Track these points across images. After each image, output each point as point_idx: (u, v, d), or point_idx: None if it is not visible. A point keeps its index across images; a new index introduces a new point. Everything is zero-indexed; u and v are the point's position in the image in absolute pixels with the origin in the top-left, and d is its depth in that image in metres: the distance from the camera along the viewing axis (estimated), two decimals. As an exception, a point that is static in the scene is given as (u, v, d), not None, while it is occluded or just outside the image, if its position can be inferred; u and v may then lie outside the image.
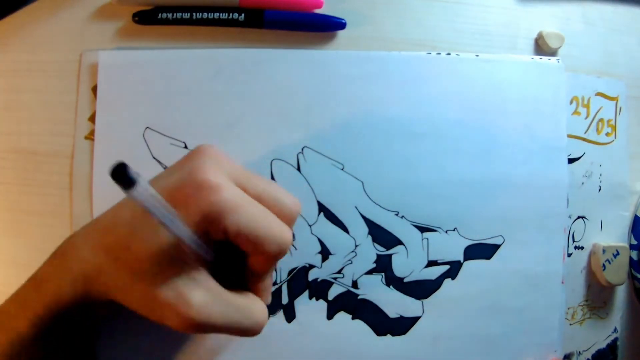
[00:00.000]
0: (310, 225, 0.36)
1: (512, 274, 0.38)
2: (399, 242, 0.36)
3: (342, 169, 0.36)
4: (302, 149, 0.36)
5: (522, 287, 0.38)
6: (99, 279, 0.25)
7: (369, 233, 0.36)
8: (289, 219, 0.27)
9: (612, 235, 0.41)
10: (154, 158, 0.35)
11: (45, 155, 0.35)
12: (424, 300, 0.37)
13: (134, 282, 0.24)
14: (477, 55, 0.38)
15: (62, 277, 0.26)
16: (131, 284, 0.24)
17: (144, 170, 0.34)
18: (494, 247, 0.37)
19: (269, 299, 0.29)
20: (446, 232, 0.37)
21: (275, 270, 0.35)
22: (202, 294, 0.24)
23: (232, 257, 0.27)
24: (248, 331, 0.27)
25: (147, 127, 0.35)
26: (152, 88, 0.35)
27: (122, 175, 0.17)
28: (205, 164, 0.24)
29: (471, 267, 0.37)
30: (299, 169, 0.36)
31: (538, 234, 0.38)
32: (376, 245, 0.36)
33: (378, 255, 0.36)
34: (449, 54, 0.38)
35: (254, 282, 0.28)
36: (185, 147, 0.35)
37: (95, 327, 0.32)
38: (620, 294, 0.41)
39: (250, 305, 0.27)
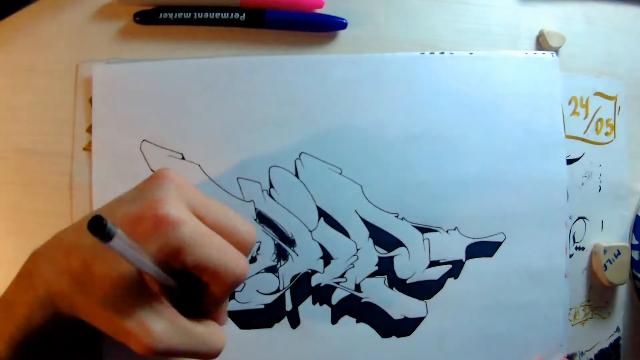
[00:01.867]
0: (310, 231, 0.36)
1: (515, 271, 0.38)
2: (400, 244, 0.36)
3: (340, 173, 0.36)
4: (300, 155, 0.36)
5: (525, 283, 0.38)
6: (65, 301, 0.25)
7: (370, 236, 0.36)
8: (245, 248, 0.27)
9: (612, 235, 0.41)
10: (152, 171, 0.35)
11: (46, 155, 0.35)
12: (428, 301, 0.37)
13: (98, 308, 0.24)
14: (471, 53, 0.38)
15: (29, 300, 0.26)
16: (95, 308, 0.25)
17: (142, 184, 0.34)
18: (496, 245, 0.37)
19: (225, 321, 0.30)
20: (447, 231, 0.37)
21: (278, 277, 0.35)
22: (163, 324, 0.25)
23: (191, 283, 0.27)
24: (206, 357, 0.27)
25: (144, 140, 0.35)
26: (148, 100, 0.35)
27: (99, 228, 0.18)
28: (165, 195, 0.25)
29: (473, 265, 0.37)
30: (297, 175, 0.36)
31: (539, 229, 0.38)
32: (377, 247, 0.36)
33: (380, 258, 0.36)
34: (442, 53, 0.38)
35: (212, 307, 0.28)
36: (183, 158, 0.35)
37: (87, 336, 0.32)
38: (622, 294, 0.41)
39: (209, 334, 0.27)
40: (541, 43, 0.40)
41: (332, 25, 0.37)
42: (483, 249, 0.37)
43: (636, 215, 0.41)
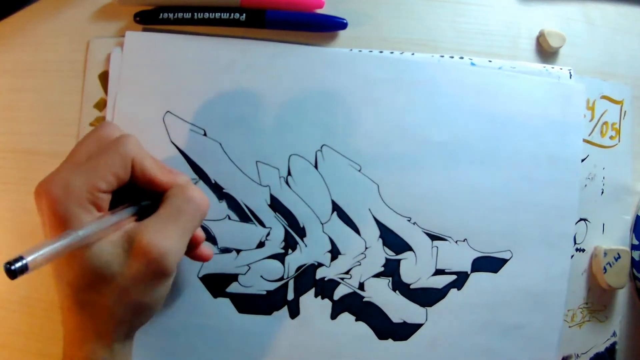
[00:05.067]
0: (322, 224, 0.36)
1: (517, 290, 0.38)
2: (409, 248, 0.36)
3: (359, 170, 0.36)
4: (322, 147, 0.36)
5: (525, 303, 0.38)
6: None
7: (380, 236, 0.36)
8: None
9: (613, 238, 0.41)
10: (172, 142, 0.35)
11: (46, 155, 0.35)
12: (429, 308, 0.37)
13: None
14: (500, 68, 0.38)
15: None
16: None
17: (160, 154, 0.34)
18: (502, 262, 0.38)
19: (183, 176, 0.29)
20: (456, 242, 0.37)
21: (284, 266, 0.35)
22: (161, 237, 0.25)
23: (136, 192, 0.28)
24: (201, 214, 0.28)
25: (168, 111, 0.35)
26: (175, 73, 0.35)
27: (11, 270, 0.20)
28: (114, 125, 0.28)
29: (477, 279, 0.37)
30: (316, 166, 0.36)
31: (545, 252, 0.38)
32: (386, 249, 0.36)
33: (387, 259, 0.36)
34: (473, 64, 0.38)
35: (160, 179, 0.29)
36: (205, 134, 0.35)
37: None
38: (621, 298, 0.41)
39: (184, 197, 0.27)
40: (541, 43, 0.40)
41: (332, 26, 0.37)
42: (489, 264, 0.37)
43: (637, 215, 0.41)
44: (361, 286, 0.36)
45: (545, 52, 0.40)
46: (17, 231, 0.35)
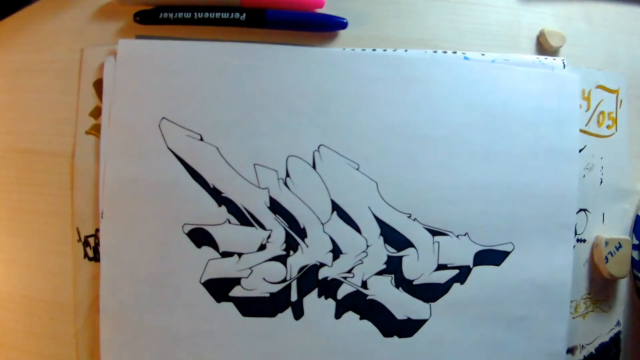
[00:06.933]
0: (322, 224, 0.36)
1: (520, 282, 0.38)
2: (410, 245, 0.36)
3: (357, 169, 0.36)
4: (319, 147, 0.36)
5: (529, 295, 0.38)
6: None
7: (381, 234, 0.36)
8: None
9: (614, 228, 0.41)
10: (169, 149, 0.35)
11: (46, 154, 0.35)
12: (432, 304, 0.37)
13: None
14: (493, 61, 0.38)
15: None
16: None
17: (157, 161, 0.34)
18: (504, 254, 0.37)
19: None
20: (457, 236, 0.37)
21: (286, 267, 0.35)
22: None
23: None
24: None
25: (164, 118, 0.35)
26: (169, 79, 0.35)
27: None
28: None
29: (480, 272, 0.37)
30: (314, 166, 0.36)
31: (548, 243, 0.38)
32: (387, 246, 0.36)
33: (389, 257, 0.36)
34: (467, 58, 0.38)
35: None
36: (201, 139, 0.35)
37: None
38: (623, 287, 0.41)
39: None
40: (542, 43, 0.40)
41: (332, 25, 0.37)
42: (491, 257, 0.37)
43: (637, 215, 0.41)
44: (364, 284, 0.36)
45: (546, 51, 0.40)
46: (17, 231, 0.35)
